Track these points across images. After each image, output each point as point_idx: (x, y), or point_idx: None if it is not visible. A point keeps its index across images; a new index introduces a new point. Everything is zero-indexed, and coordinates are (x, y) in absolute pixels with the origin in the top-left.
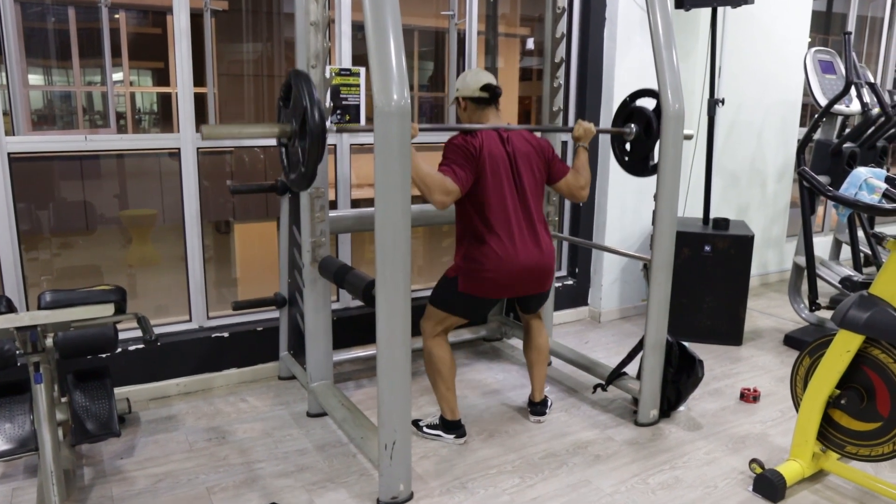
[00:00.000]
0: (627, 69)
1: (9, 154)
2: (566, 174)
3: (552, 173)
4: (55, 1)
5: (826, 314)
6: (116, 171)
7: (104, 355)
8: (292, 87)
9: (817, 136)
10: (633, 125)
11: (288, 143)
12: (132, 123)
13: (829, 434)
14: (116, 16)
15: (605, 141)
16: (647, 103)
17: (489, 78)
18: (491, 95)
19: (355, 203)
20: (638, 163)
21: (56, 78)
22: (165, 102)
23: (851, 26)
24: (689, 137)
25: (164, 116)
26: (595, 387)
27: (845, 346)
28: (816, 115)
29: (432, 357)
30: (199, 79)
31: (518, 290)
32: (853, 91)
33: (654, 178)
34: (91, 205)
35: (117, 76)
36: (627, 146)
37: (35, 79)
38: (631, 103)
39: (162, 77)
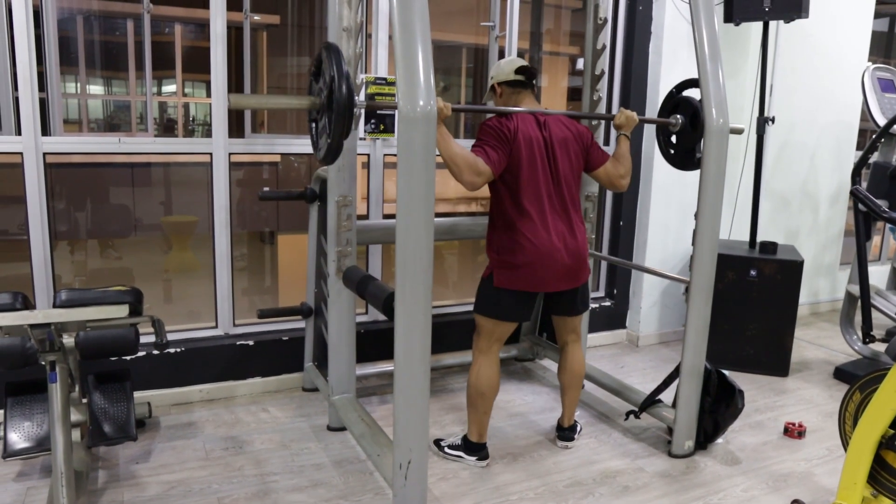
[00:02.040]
0: (672, 84)
1: (44, 154)
2: (605, 162)
3: (591, 160)
4: (110, 14)
5: (880, 347)
6: (162, 179)
7: (126, 358)
8: (323, 60)
9: (874, 158)
10: (678, 116)
11: (317, 118)
12: (184, 132)
13: (880, 477)
14: (173, 30)
15: (647, 155)
16: (695, 94)
17: (523, 62)
18: (527, 78)
19: (388, 217)
20: (684, 155)
21: (116, 88)
22: None
23: None
24: (738, 132)
25: None
26: (628, 413)
27: None
28: (874, 136)
29: (480, 376)
30: (242, 89)
31: (553, 281)
32: None
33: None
34: (136, 211)
35: (171, 87)
36: (673, 138)
37: (95, 89)
38: (677, 94)
39: None
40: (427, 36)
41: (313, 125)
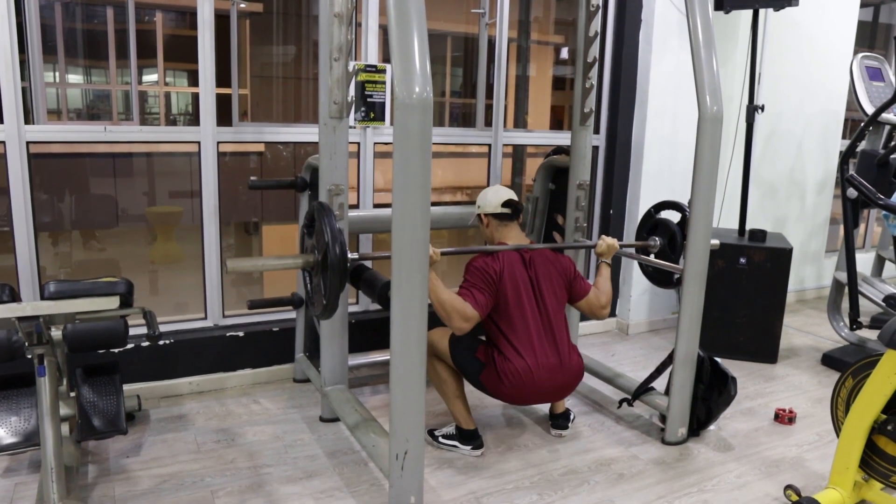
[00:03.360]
0: (662, 72)
1: (28, 143)
2: (588, 294)
3: (574, 293)
4: (88, 1)
5: (867, 333)
6: (146, 170)
7: (115, 350)
8: (316, 219)
9: (862, 145)
10: (657, 238)
11: (311, 272)
12: (165, 122)
13: (872, 462)
14: (154, 18)
15: (637, 142)
16: (672, 216)
17: (510, 194)
18: (513, 211)
19: (379, 207)
20: (663, 275)
21: (95, 77)
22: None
23: None
24: (715, 248)
25: (197, 117)
26: (621, 401)
27: (893, 368)
28: (862, 124)
29: (435, 364)
30: (229, 79)
31: (538, 402)
32: None
33: (687, 182)
34: (119, 201)
35: (152, 76)
36: (652, 257)
37: (74, 77)
38: (655, 215)
39: (197, 78)
40: (423, 22)
41: (307, 276)
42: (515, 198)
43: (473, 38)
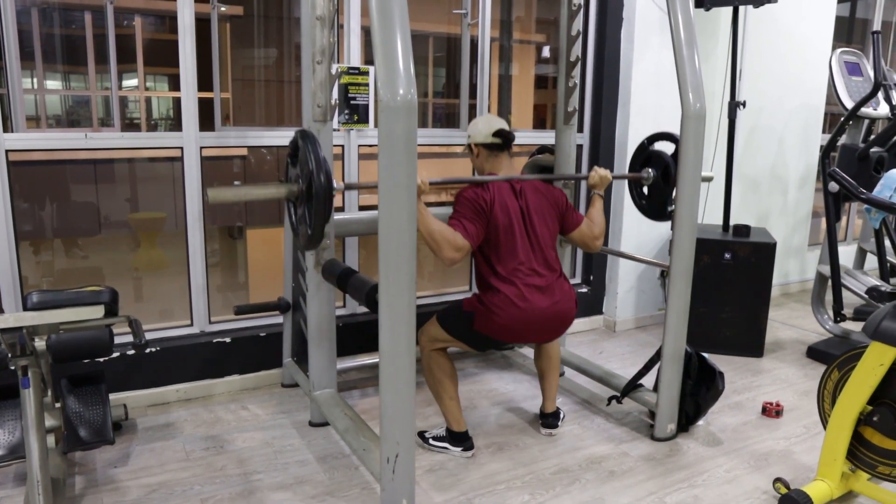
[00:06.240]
0: (644, 70)
1: (6, 151)
2: (580, 224)
3: (566, 224)
4: (67, 5)
5: (851, 325)
6: (128, 176)
7: (100, 360)
8: (299, 147)
9: (843, 140)
10: (650, 170)
11: (295, 202)
12: (147, 128)
13: (859, 453)
14: (133, 22)
15: (620, 142)
16: (666, 147)
17: (501, 123)
18: (504, 141)
19: (363, 209)
20: (656, 208)
21: (74, 84)
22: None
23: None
24: (708, 179)
25: (179, 122)
26: (610, 399)
27: (878, 359)
28: (842, 119)
29: (431, 365)
30: (210, 83)
31: (534, 338)
32: (881, 93)
33: None
34: (101, 208)
35: (132, 81)
36: (645, 190)
37: (53, 84)
38: (649, 146)
39: (178, 83)
40: (406, 23)
41: (291, 208)
42: (507, 127)
43: (456, 38)
